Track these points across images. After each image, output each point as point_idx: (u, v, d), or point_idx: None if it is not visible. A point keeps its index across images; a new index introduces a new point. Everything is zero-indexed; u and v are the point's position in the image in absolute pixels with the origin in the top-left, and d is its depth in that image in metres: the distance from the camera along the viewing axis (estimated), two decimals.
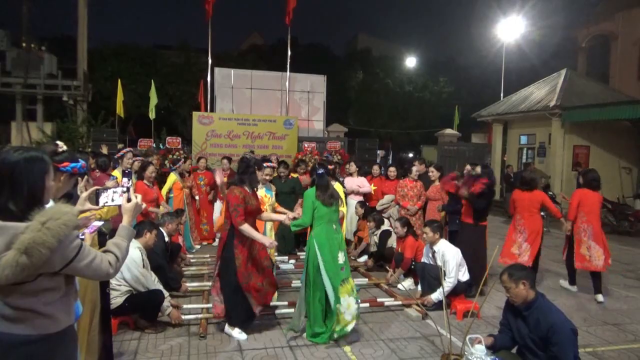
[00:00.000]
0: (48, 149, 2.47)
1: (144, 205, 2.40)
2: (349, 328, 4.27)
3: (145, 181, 6.31)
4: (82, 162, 2.60)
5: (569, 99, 14.39)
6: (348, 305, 4.22)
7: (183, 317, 4.73)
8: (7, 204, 1.76)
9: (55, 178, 2.42)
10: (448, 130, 18.47)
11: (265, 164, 5.29)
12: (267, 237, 4.49)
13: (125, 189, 2.30)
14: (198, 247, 8.26)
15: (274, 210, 5.45)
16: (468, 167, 6.81)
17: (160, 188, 7.25)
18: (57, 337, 1.87)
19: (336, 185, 5.67)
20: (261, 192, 5.41)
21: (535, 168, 13.53)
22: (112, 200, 2.31)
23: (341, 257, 4.32)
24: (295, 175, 8.24)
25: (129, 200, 2.26)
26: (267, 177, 5.68)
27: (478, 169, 6.03)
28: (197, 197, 8.35)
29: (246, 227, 4.17)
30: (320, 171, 4.45)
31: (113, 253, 2.00)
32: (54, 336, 1.86)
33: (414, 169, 7.49)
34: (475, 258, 5.49)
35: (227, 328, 4.46)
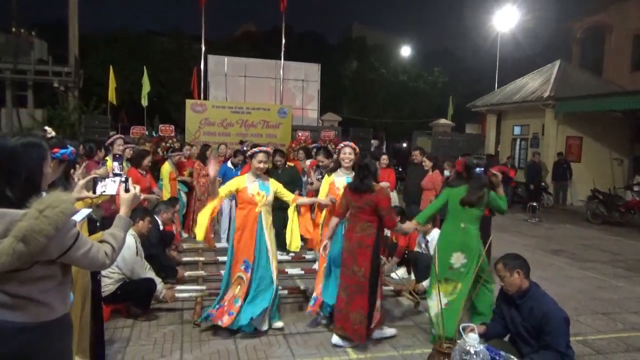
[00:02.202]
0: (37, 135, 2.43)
1: (142, 196, 2.37)
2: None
3: (139, 169, 6.27)
4: (71, 149, 2.57)
5: (562, 90, 14.44)
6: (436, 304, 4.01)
7: (181, 295, 4.81)
8: (4, 191, 1.74)
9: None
10: (442, 120, 18.49)
11: (258, 149, 4.50)
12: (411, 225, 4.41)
13: (123, 179, 2.26)
14: (185, 235, 8.13)
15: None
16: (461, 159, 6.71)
17: (153, 176, 7.18)
18: (53, 325, 1.86)
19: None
20: (253, 187, 4.37)
21: (541, 160, 13.68)
22: (110, 189, 2.27)
23: (456, 258, 3.96)
24: (291, 164, 7.99)
25: (127, 190, 2.22)
26: (262, 166, 4.45)
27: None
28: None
29: (400, 225, 4.19)
30: (479, 169, 4.14)
31: (109, 243, 1.98)
32: (50, 324, 1.85)
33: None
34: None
35: (379, 332, 4.18)
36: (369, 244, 3.95)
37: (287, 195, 4.56)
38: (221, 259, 6.58)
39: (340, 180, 4.62)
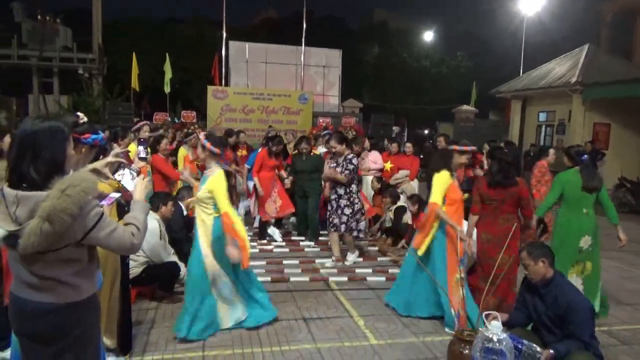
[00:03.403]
0: (69, 120, 2.48)
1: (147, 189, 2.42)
2: None
3: (160, 154, 6.37)
4: (102, 134, 2.60)
5: (590, 75, 14.05)
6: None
7: None
8: (29, 171, 1.78)
9: (76, 150, 2.44)
10: (465, 107, 18.17)
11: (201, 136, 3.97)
12: None
13: (136, 173, 2.31)
14: None
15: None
16: (486, 146, 6.52)
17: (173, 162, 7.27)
18: (81, 306, 1.93)
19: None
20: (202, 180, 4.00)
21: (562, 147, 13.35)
22: (126, 181, 2.32)
23: (584, 241, 4.35)
24: (317, 152, 7.73)
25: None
26: (202, 155, 3.94)
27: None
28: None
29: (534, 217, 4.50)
30: (585, 156, 4.47)
31: (134, 225, 2.00)
32: (79, 304, 1.92)
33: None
34: None
35: None
36: (516, 233, 4.08)
37: (221, 205, 3.75)
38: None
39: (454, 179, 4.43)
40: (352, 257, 6.06)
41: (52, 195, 1.70)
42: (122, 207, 3.16)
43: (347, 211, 5.85)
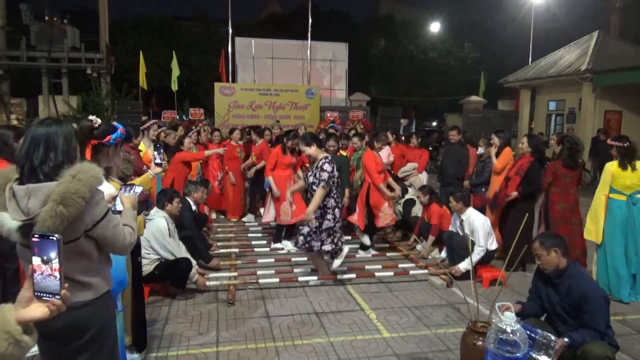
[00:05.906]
0: (84, 126, 2.51)
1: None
2: None
3: (185, 151, 6.59)
4: (120, 129, 2.61)
5: (601, 63, 13.86)
6: None
7: (212, 283, 4.90)
8: (40, 163, 1.83)
9: (103, 153, 2.53)
10: (473, 97, 18.04)
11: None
12: None
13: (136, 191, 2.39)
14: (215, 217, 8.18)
15: None
16: (495, 137, 6.22)
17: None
18: (96, 303, 1.97)
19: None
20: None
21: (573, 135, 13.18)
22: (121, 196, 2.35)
23: None
24: (344, 153, 6.96)
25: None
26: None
27: (525, 142, 5.64)
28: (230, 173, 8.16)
29: None
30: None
31: (130, 226, 2.09)
32: (94, 301, 1.96)
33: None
34: (523, 230, 5.24)
35: None
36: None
37: None
38: (254, 242, 6.68)
39: None
40: (313, 278, 5.16)
41: (63, 180, 1.75)
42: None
43: (313, 224, 4.87)
